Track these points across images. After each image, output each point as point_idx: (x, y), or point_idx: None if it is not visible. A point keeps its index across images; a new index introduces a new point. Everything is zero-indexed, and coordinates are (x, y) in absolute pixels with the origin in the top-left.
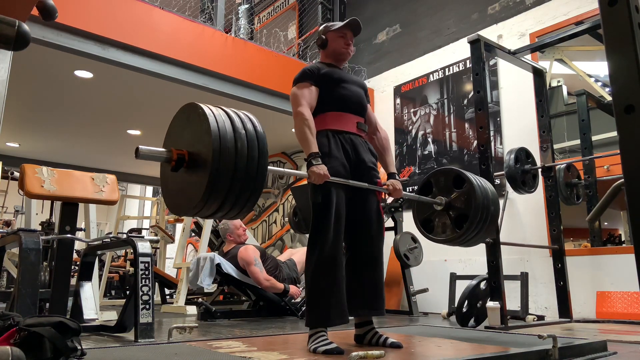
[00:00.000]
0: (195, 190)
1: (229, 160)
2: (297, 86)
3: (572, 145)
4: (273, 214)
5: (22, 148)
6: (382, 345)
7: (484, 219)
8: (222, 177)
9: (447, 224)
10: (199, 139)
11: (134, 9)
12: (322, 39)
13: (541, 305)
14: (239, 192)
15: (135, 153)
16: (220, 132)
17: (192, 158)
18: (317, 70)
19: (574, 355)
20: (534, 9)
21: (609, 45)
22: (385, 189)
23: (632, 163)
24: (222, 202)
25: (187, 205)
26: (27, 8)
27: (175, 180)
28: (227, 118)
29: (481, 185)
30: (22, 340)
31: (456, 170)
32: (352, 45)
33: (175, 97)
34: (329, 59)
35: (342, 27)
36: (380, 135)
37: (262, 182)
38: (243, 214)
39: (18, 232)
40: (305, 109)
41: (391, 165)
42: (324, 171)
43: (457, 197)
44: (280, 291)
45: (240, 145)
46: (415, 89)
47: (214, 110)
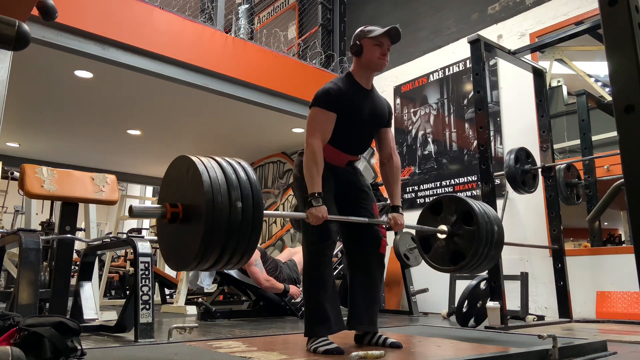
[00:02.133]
0: (191, 245)
1: (223, 213)
2: (318, 110)
3: (572, 145)
4: None
5: (22, 148)
6: (382, 345)
7: (482, 262)
8: (216, 233)
9: (444, 255)
10: (192, 192)
11: (134, 9)
12: (356, 46)
13: (541, 305)
14: (235, 245)
15: (129, 212)
16: (212, 185)
17: (186, 212)
18: (339, 96)
19: (574, 355)
20: (534, 9)
21: (609, 45)
22: (387, 223)
23: (632, 163)
24: (219, 255)
25: (184, 261)
26: (27, 8)
27: (171, 234)
28: (219, 168)
29: (489, 227)
30: (22, 340)
31: (470, 206)
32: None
33: (175, 97)
34: (362, 69)
35: (381, 35)
36: (392, 164)
37: (258, 233)
38: (241, 264)
39: (18, 232)
40: (317, 142)
41: (397, 197)
42: (323, 213)
43: (461, 233)
44: (280, 291)
45: (234, 197)
46: (415, 89)
47: (205, 162)
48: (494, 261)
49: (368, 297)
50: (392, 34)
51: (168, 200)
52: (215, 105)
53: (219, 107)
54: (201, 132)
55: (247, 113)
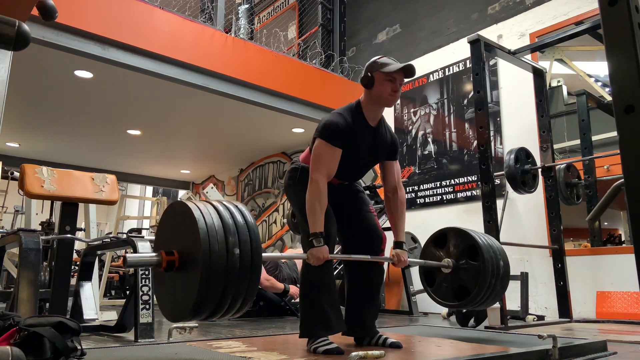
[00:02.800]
0: (187, 295)
1: (221, 261)
2: (324, 144)
3: (572, 145)
4: (273, 214)
5: (22, 148)
6: (382, 345)
7: (487, 297)
8: (214, 279)
9: (448, 290)
10: (190, 242)
11: (134, 9)
12: (367, 78)
13: (541, 305)
14: (234, 293)
15: (123, 263)
16: (209, 231)
17: (183, 259)
18: (346, 132)
19: (574, 355)
20: (534, 9)
21: (609, 45)
22: (390, 259)
23: (632, 163)
24: (217, 305)
25: (180, 312)
26: (27, 8)
27: (168, 282)
28: (216, 213)
29: (494, 263)
30: (22, 340)
31: (474, 240)
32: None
33: (175, 97)
34: (371, 103)
35: (395, 72)
36: (397, 198)
37: (258, 279)
38: (240, 313)
39: (18, 232)
40: (323, 180)
41: (401, 232)
42: (325, 254)
43: (466, 267)
44: (280, 291)
45: (231, 244)
46: (415, 89)
47: (201, 207)
48: (499, 296)
49: (367, 302)
50: (407, 70)
51: (164, 247)
52: (215, 105)
53: (219, 107)
54: (201, 132)
55: (247, 113)
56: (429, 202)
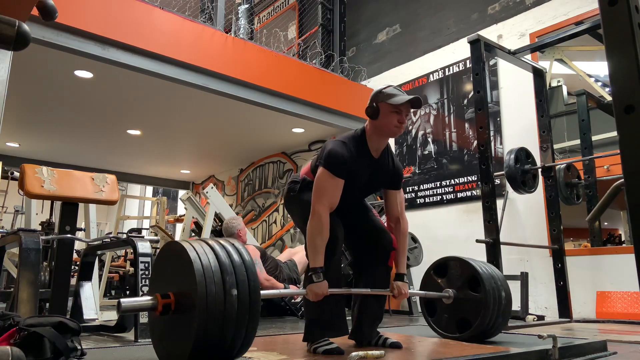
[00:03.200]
0: (185, 340)
1: (218, 302)
2: (328, 175)
3: (572, 145)
4: (273, 214)
5: (22, 148)
6: (382, 345)
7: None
8: (212, 322)
9: (449, 320)
10: (185, 281)
11: (134, 9)
12: (372, 108)
13: (541, 305)
14: (233, 335)
15: (117, 309)
16: (205, 273)
17: (178, 302)
18: (349, 161)
19: (574, 355)
20: (534, 9)
21: (609, 45)
22: (390, 292)
23: (632, 163)
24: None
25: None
26: (27, 8)
27: (164, 326)
28: (212, 254)
29: (496, 295)
30: (22, 340)
31: (476, 270)
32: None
33: (175, 97)
34: (376, 134)
35: (401, 105)
36: (400, 229)
37: (257, 320)
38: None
39: (18, 232)
40: (325, 212)
41: (402, 265)
42: (324, 290)
43: (467, 299)
44: None
45: (228, 284)
46: (415, 89)
47: (197, 247)
48: (500, 329)
49: (372, 312)
50: (414, 103)
51: (159, 290)
52: (215, 105)
53: (219, 107)
54: (201, 132)
55: (247, 113)
56: (429, 202)
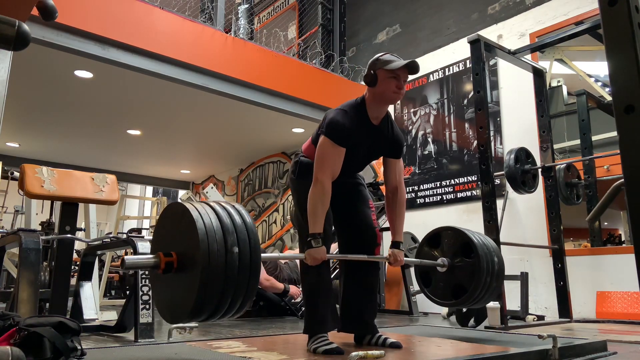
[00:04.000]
0: (187, 296)
1: (220, 260)
2: (329, 143)
3: (572, 145)
4: (273, 214)
5: (22, 148)
6: (382, 345)
7: (483, 294)
8: (213, 279)
9: (445, 288)
10: (188, 243)
11: (134, 9)
12: (371, 76)
13: (541, 305)
14: (233, 293)
15: (121, 265)
16: (207, 231)
17: (181, 261)
18: (351, 131)
19: (574, 355)
20: (534, 9)
21: (609, 45)
22: (386, 259)
23: (632, 163)
24: (215, 309)
25: (180, 313)
26: (27, 8)
27: (166, 284)
28: (214, 215)
29: (489, 259)
30: (22, 340)
31: (468, 237)
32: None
33: (175, 97)
34: (375, 101)
35: (399, 69)
36: (397, 199)
37: (257, 279)
38: (240, 312)
39: (18, 232)
40: (327, 181)
41: (399, 233)
42: (322, 255)
43: (461, 266)
44: (280, 291)
45: (230, 243)
46: (415, 89)
47: (199, 208)
48: (495, 294)
49: (365, 300)
50: (410, 67)
51: (161, 249)
52: (216, 105)
53: (219, 107)
54: (201, 132)
55: (247, 113)
56: (429, 202)
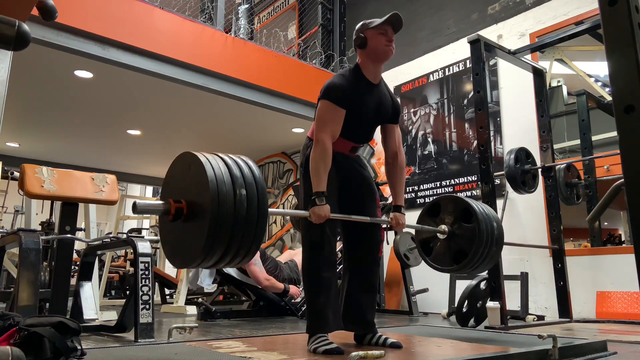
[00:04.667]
0: (196, 241)
1: (229, 208)
2: (327, 105)
3: (572, 145)
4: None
5: (22, 148)
6: (382, 345)
7: (483, 259)
8: (222, 226)
9: (445, 255)
10: (197, 188)
11: (134, 9)
12: (360, 38)
13: (541, 305)
14: (241, 238)
15: (133, 208)
16: (217, 181)
17: (190, 208)
18: (348, 92)
19: (574, 355)
20: (534, 9)
21: (609, 45)
22: (388, 222)
23: (632, 163)
24: (225, 251)
25: (189, 257)
26: (27, 8)
27: (175, 231)
28: (223, 164)
29: (488, 223)
30: (22, 340)
31: (466, 203)
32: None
33: (175, 97)
34: (369, 60)
35: (383, 24)
36: (397, 163)
37: (264, 228)
38: (246, 261)
39: (18, 232)
40: (328, 140)
41: (400, 197)
42: (325, 213)
43: (461, 230)
44: (280, 291)
45: (238, 191)
46: (415, 89)
47: (209, 157)
48: (495, 259)
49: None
50: (394, 20)
51: (171, 197)
52: (215, 105)
53: (219, 107)
54: (201, 132)
55: (247, 113)
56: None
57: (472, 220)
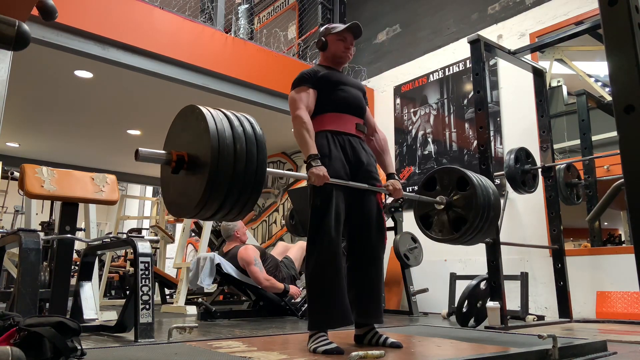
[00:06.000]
0: (195, 191)
1: (228, 161)
2: (295, 90)
3: (572, 145)
4: (273, 214)
5: (22, 148)
6: (382, 345)
7: (483, 224)
8: (221, 177)
9: (445, 224)
10: (198, 141)
11: (134, 9)
12: (322, 42)
13: (541, 305)
14: (238, 192)
15: (135, 155)
16: (219, 133)
17: (191, 159)
18: (314, 74)
19: (574, 355)
20: (534, 9)
21: (609, 45)
22: (385, 190)
23: (632, 163)
24: (222, 202)
25: (188, 206)
26: (27, 8)
27: (176, 182)
28: (226, 119)
29: (484, 189)
30: (22, 340)
31: (461, 172)
32: (352, 48)
33: (175, 97)
34: (328, 61)
35: (343, 31)
36: (378, 137)
37: (262, 182)
38: (243, 215)
39: (18, 232)
40: (303, 112)
41: (390, 166)
42: (324, 172)
43: (458, 198)
44: (280, 291)
45: (239, 146)
46: (415, 89)
47: (212, 111)
48: (494, 224)
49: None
50: (353, 28)
51: (173, 148)
52: (215, 105)
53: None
54: None
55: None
56: None
57: (468, 188)
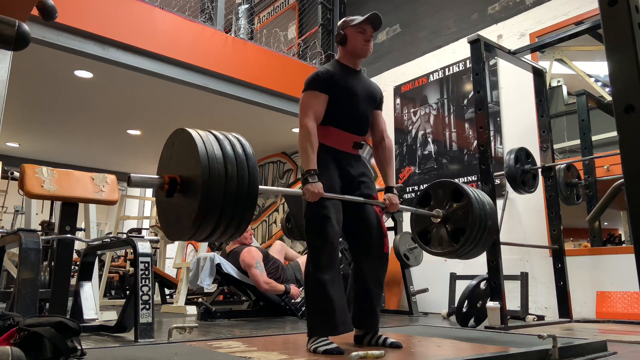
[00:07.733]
0: (188, 215)
1: (219, 184)
2: (307, 93)
3: (572, 145)
4: (273, 214)
5: (22, 148)
6: (382, 345)
7: (481, 234)
8: (212, 201)
9: (443, 237)
10: (190, 165)
11: (133, 9)
12: (341, 35)
13: (541, 305)
14: (231, 215)
15: (127, 182)
16: (209, 157)
17: (184, 183)
18: (329, 77)
19: (574, 355)
20: (534, 9)
21: (609, 45)
22: (382, 204)
23: (632, 163)
24: (215, 225)
25: (181, 230)
26: (27, 8)
27: (170, 206)
28: (216, 142)
29: (479, 199)
30: (22, 340)
31: (455, 184)
32: (372, 42)
33: (175, 97)
34: (347, 57)
35: (362, 23)
36: (385, 145)
37: (254, 204)
38: (240, 233)
39: (18, 232)
40: (310, 122)
41: (391, 178)
42: (319, 189)
43: (454, 210)
44: (281, 292)
45: (230, 169)
46: (415, 89)
47: (202, 135)
48: (493, 233)
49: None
50: (373, 19)
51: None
52: (215, 105)
53: (218, 107)
54: None
55: (247, 113)
56: None
57: (463, 199)
